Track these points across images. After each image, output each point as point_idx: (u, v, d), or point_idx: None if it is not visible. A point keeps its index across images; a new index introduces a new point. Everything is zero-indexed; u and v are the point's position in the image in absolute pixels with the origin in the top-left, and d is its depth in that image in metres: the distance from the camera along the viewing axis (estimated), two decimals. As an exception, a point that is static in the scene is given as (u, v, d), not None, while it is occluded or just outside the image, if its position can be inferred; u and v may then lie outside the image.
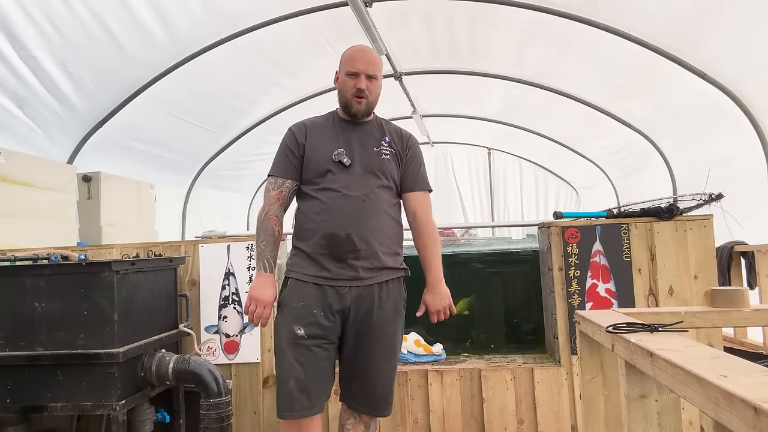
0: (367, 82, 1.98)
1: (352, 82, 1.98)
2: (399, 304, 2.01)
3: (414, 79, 6.18)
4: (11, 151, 3.45)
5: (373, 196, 1.95)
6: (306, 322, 1.89)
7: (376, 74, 2.01)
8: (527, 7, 4.20)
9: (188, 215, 6.47)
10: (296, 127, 2.08)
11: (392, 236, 2.00)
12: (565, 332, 2.79)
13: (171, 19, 3.81)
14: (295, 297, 1.93)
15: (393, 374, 2.02)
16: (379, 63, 2.05)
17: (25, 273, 2.34)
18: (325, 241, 1.91)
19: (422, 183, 2.11)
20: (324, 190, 1.95)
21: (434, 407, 2.83)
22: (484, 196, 9.80)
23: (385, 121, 2.16)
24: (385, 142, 2.05)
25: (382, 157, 2.01)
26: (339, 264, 1.91)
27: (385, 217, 1.97)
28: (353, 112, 2.02)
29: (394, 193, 2.05)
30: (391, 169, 2.02)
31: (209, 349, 2.90)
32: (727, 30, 3.71)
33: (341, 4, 4.21)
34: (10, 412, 2.28)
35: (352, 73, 1.98)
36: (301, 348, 1.88)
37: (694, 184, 3.17)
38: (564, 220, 2.93)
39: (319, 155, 1.99)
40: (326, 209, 1.93)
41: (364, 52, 2.03)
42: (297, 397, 1.85)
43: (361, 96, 1.98)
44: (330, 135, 2.03)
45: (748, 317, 1.60)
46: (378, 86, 2.04)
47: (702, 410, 0.91)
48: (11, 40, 3.29)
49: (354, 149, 2.00)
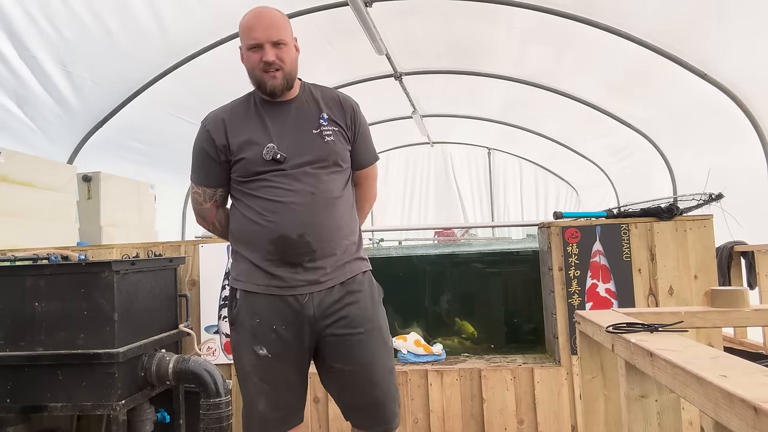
0: (275, 50, 1.65)
1: (256, 56, 1.66)
2: (375, 295, 1.77)
3: (414, 79, 6.18)
4: (11, 151, 3.45)
5: (323, 186, 1.68)
6: (266, 340, 1.66)
7: (282, 37, 1.66)
8: (527, 7, 4.21)
9: (188, 215, 6.46)
10: (212, 125, 1.76)
11: (350, 225, 1.75)
12: (565, 332, 2.79)
13: (171, 19, 3.81)
14: (248, 312, 1.68)
15: (390, 376, 1.74)
16: (282, 22, 1.70)
17: (25, 273, 2.34)
18: (274, 246, 1.64)
19: (371, 157, 1.87)
20: (264, 188, 1.68)
21: (434, 407, 2.83)
22: (484, 196, 9.80)
23: (318, 88, 1.83)
24: (324, 120, 1.74)
25: (326, 141, 1.71)
26: (293, 269, 1.65)
27: (339, 208, 1.71)
28: (270, 90, 1.69)
29: (344, 175, 1.77)
30: (337, 151, 1.72)
31: (209, 349, 2.90)
32: (727, 30, 3.71)
33: (341, 4, 4.21)
34: (10, 412, 2.28)
35: (253, 45, 1.66)
36: (266, 368, 1.67)
37: (694, 184, 3.17)
38: (564, 220, 2.93)
39: (250, 155, 1.68)
40: (271, 209, 1.65)
41: (261, 16, 1.68)
42: (270, 417, 1.67)
43: (272, 69, 1.66)
44: (255, 126, 1.72)
45: (748, 317, 1.60)
46: (291, 51, 1.70)
47: (702, 410, 0.91)
48: (11, 40, 3.29)
49: (287, 137, 1.70)
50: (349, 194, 1.80)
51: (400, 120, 7.70)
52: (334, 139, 1.73)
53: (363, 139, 1.83)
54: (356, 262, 1.76)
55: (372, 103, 5.84)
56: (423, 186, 9.92)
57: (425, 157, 9.93)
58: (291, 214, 1.64)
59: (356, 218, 1.82)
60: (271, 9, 1.71)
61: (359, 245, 1.80)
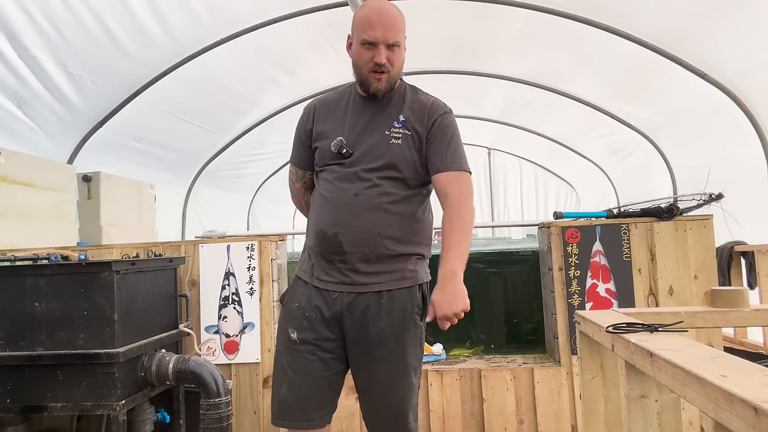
0: (388, 52, 1.63)
1: (368, 54, 1.63)
2: (409, 313, 1.68)
3: (414, 79, 6.12)
4: (11, 151, 3.45)
5: (369, 191, 1.65)
6: (299, 325, 1.70)
7: (398, 40, 1.64)
8: (527, 6, 4.20)
9: (188, 215, 6.47)
10: (306, 110, 1.84)
11: (400, 236, 1.68)
12: (565, 332, 2.79)
13: (171, 19, 3.80)
14: (293, 296, 1.76)
15: (408, 395, 1.68)
16: (400, 22, 1.66)
17: (25, 273, 2.34)
18: (317, 239, 1.70)
19: (451, 161, 1.69)
20: (324, 182, 1.73)
21: (434, 407, 2.83)
22: (484, 196, 9.80)
23: (413, 90, 1.79)
24: (399, 123, 1.70)
25: (391, 142, 1.68)
26: (329, 265, 1.69)
27: (384, 215, 1.66)
28: (372, 92, 1.69)
29: (407, 184, 1.71)
30: (401, 155, 1.68)
31: (209, 349, 2.90)
32: (727, 30, 3.71)
33: (341, 4, 4.21)
34: (10, 412, 2.28)
35: (369, 42, 1.62)
36: (295, 354, 1.69)
37: (694, 184, 3.17)
38: (564, 220, 2.93)
39: (323, 144, 1.74)
40: (321, 204, 1.72)
41: (383, 14, 1.63)
42: (288, 404, 1.67)
43: (381, 71, 1.64)
44: (339, 118, 1.75)
45: (748, 317, 1.60)
46: (401, 54, 1.68)
47: (702, 410, 0.91)
48: (11, 40, 3.29)
49: (360, 134, 1.71)
50: (415, 207, 1.73)
51: (399, 120, 7.70)
52: (401, 141, 1.69)
53: (438, 142, 1.71)
54: (400, 273, 1.69)
55: (372, 103, 5.83)
56: (423, 186, 9.92)
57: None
58: (332, 212, 1.67)
59: (418, 231, 1.73)
60: (392, 6, 1.68)
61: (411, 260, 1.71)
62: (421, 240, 1.74)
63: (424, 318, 1.71)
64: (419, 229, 1.74)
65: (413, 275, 1.71)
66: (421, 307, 1.72)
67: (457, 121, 1.84)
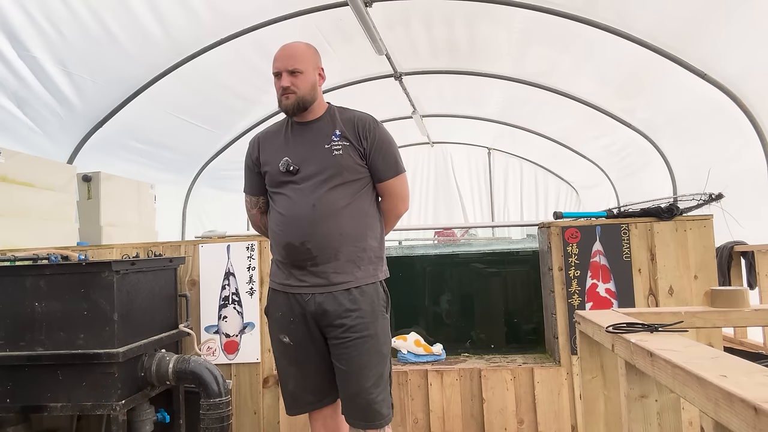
0: (291, 78, 1.92)
1: (277, 84, 1.96)
2: (377, 305, 1.94)
3: (414, 79, 6.18)
4: (11, 151, 3.45)
5: (325, 199, 1.89)
6: (287, 329, 1.95)
7: (297, 66, 1.92)
8: (527, 7, 4.21)
9: (188, 215, 6.47)
10: (252, 142, 2.10)
11: (357, 232, 1.92)
12: (565, 332, 2.79)
13: (171, 18, 3.81)
14: (274, 306, 2.00)
15: (380, 382, 1.90)
16: (303, 53, 1.96)
17: (25, 273, 2.34)
18: (285, 251, 1.92)
19: (393, 171, 2.01)
20: (280, 200, 1.97)
21: (434, 407, 2.83)
22: (484, 196, 9.81)
23: (341, 110, 2.06)
24: (336, 136, 1.95)
25: (334, 154, 1.92)
26: (301, 272, 1.92)
27: (344, 217, 1.90)
28: (283, 109, 1.97)
29: (356, 187, 1.95)
30: (345, 163, 1.92)
31: (209, 349, 2.90)
32: (727, 30, 3.71)
33: (341, 4, 4.21)
34: (10, 412, 2.28)
35: (275, 73, 1.96)
36: (291, 354, 1.96)
37: (694, 184, 3.17)
38: (564, 220, 2.93)
39: (271, 167, 1.98)
40: (282, 220, 1.93)
41: (284, 49, 1.97)
42: (300, 395, 1.97)
43: (286, 93, 1.93)
44: (281, 143, 2.01)
45: (748, 317, 1.60)
46: (306, 78, 1.94)
47: (702, 410, 0.91)
48: (11, 40, 3.29)
49: (303, 153, 1.95)
50: (363, 204, 1.97)
51: (400, 120, 7.70)
52: (343, 153, 1.93)
53: (378, 153, 1.98)
54: (364, 269, 1.94)
55: (372, 103, 5.84)
56: (423, 186, 9.93)
57: (425, 157, 9.93)
58: (294, 226, 1.90)
59: (371, 225, 1.98)
60: (294, 43, 2.00)
61: (372, 251, 1.97)
62: (375, 234, 2.00)
63: (389, 309, 2.00)
64: (371, 222, 1.99)
65: (375, 273, 1.98)
66: (386, 300, 2.00)
67: (456, 120, 1.92)
